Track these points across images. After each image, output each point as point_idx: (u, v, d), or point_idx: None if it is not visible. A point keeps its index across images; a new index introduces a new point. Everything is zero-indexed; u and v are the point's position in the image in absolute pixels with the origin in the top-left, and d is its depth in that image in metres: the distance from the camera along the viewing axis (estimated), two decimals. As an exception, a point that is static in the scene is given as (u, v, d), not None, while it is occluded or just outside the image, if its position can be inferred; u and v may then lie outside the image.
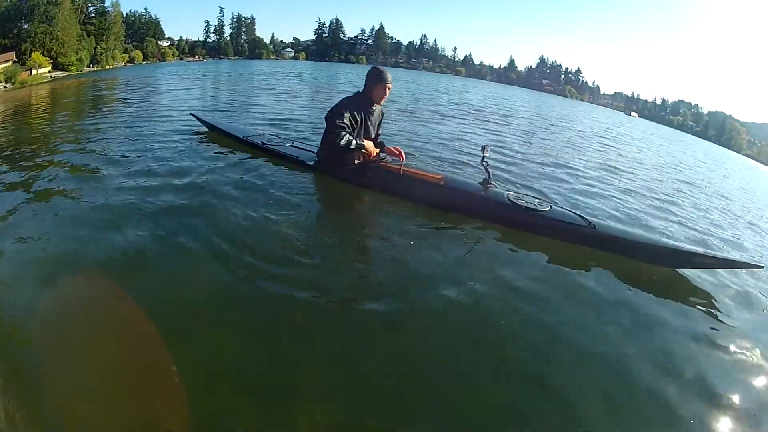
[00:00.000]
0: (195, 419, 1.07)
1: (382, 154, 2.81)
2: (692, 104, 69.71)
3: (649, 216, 3.30)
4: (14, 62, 25.17)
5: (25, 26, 28.14)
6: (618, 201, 3.57)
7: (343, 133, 2.54)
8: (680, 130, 52.05)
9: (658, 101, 72.20)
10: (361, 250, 2.11)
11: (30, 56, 26.82)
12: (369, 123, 2.75)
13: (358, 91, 2.78)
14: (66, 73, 28.36)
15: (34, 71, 25.97)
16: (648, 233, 2.48)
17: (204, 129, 4.12)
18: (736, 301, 2.00)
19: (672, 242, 2.21)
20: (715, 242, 3.04)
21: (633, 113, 58.95)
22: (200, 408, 1.10)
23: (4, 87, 21.09)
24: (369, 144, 2.68)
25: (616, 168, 5.50)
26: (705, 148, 24.02)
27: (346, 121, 2.58)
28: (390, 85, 2.74)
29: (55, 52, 29.06)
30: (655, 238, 2.25)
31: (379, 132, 2.95)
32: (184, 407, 1.08)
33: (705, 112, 66.84)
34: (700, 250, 2.18)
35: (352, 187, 2.72)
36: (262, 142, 3.38)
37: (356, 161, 2.72)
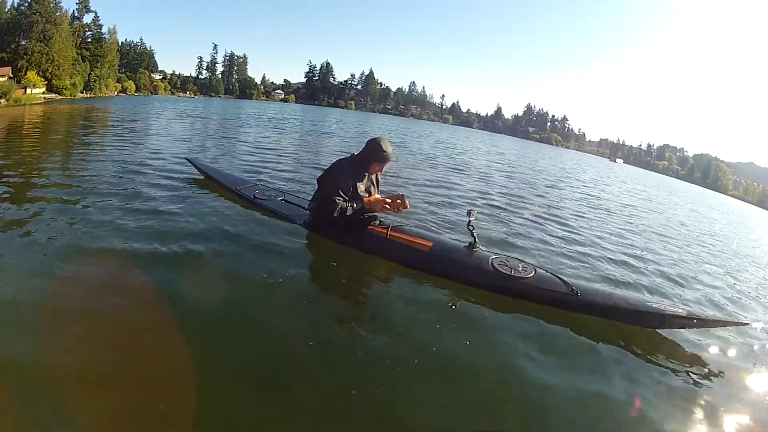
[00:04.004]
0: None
1: (379, 216, 2.82)
2: (677, 148, 74.84)
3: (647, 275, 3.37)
4: (10, 78, 22.49)
5: (23, 42, 25.74)
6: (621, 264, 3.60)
7: (337, 206, 2.55)
8: (665, 174, 55.20)
9: (644, 146, 77.22)
10: (339, 313, 2.10)
11: (26, 74, 24.44)
12: (362, 188, 2.68)
13: (354, 155, 2.74)
14: (59, 97, 26.02)
15: (28, 90, 23.43)
16: (632, 294, 2.53)
17: (198, 174, 4.17)
18: (722, 359, 2.11)
19: (655, 304, 2.22)
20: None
21: (618, 159, 62.59)
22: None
23: (-2, 103, 18.12)
24: (369, 200, 2.67)
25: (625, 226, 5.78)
26: (699, 195, 25.47)
27: (341, 190, 2.56)
28: (389, 163, 2.76)
29: (50, 73, 26.97)
30: (639, 301, 2.25)
31: (379, 191, 2.90)
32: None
33: (690, 155, 71.46)
34: (682, 311, 2.16)
35: (340, 249, 2.67)
36: (254, 196, 3.37)
37: (342, 220, 2.64)
